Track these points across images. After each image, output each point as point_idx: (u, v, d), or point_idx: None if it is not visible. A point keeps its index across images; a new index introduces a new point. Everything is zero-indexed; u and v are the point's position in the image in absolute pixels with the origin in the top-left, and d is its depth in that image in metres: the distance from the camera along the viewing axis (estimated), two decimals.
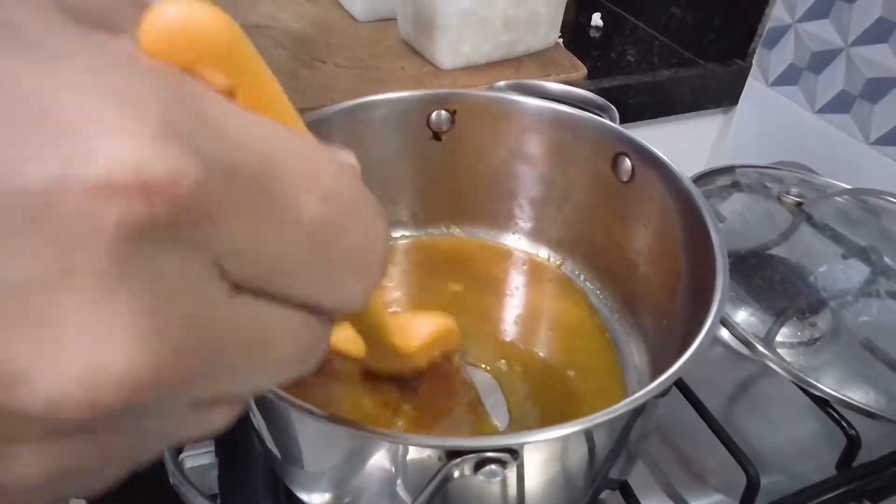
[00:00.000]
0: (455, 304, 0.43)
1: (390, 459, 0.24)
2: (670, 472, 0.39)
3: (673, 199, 0.36)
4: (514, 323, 0.42)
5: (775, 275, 0.46)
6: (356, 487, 0.27)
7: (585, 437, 0.27)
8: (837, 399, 0.37)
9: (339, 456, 0.26)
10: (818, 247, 0.49)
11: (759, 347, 0.38)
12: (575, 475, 0.29)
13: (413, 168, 0.44)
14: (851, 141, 0.61)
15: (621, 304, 0.42)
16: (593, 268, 0.44)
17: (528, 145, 0.42)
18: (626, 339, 0.41)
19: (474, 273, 0.45)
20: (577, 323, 0.43)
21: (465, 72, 0.63)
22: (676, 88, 0.69)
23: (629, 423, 0.28)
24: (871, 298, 0.45)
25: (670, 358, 0.28)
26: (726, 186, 0.53)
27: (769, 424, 0.42)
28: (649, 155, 0.37)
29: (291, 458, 0.29)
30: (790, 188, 0.52)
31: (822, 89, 0.63)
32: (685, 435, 0.41)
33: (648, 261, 0.39)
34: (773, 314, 0.43)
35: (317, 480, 0.30)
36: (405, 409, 0.35)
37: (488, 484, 0.25)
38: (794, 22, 0.64)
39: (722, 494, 0.38)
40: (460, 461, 0.23)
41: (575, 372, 0.40)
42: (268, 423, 0.29)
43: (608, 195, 0.41)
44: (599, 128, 0.40)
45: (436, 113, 0.42)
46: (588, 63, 0.67)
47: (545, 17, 0.64)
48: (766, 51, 0.68)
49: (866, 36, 0.58)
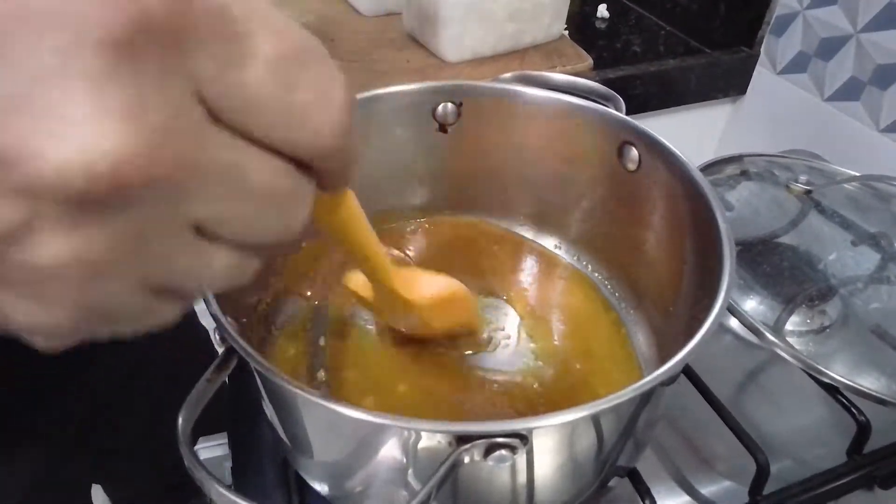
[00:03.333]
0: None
1: (399, 446, 0.25)
2: (679, 460, 0.39)
3: (680, 187, 0.36)
4: (523, 313, 0.42)
5: (784, 262, 0.46)
6: (367, 474, 0.28)
7: (593, 423, 0.27)
8: (847, 386, 0.37)
9: (347, 443, 0.27)
10: (827, 234, 0.48)
11: (768, 335, 0.38)
12: (584, 462, 0.29)
13: (419, 160, 0.44)
14: (861, 128, 0.60)
15: (628, 292, 0.42)
16: (600, 256, 0.44)
17: (535, 136, 0.42)
18: (633, 328, 0.41)
19: (481, 262, 0.46)
20: (586, 311, 0.43)
21: (470, 64, 0.63)
22: (683, 78, 0.68)
23: (637, 410, 0.28)
24: (881, 285, 0.45)
25: (677, 345, 0.28)
26: (735, 175, 0.53)
27: (779, 412, 0.42)
28: (656, 143, 0.37)
29: (302, 446, 0.30)
30: (799, 176, 0.52)
31: (831, 76, 0.62)
32: (694, 422, 0.41)
33: (656, 249, 0.39)
34: (782, 302, 0.43)
35: (327, 469, 0.30)
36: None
37: (498, 469, 0.26)
38: (803, 8, 0.64)
39: (731, 481, 0.38)
40: (470, 447, 0.23)
41: (584, 362, 0.40)
42: (278, 411, 0.29)
43: (615, 184, 0.41)
44: (605, 117, 0.39)
45: (442, 105, 0.42)
46: (594, 54, 0.66)
47: (550, 8, 0.64)
48: (774, 38, 0.68)
49: (876, 21, 0.57)
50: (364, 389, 0.37)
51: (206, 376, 0.24)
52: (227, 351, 0.25)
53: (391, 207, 0.46)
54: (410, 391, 0.37)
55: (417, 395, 0.37)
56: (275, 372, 0.24)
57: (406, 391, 0.37)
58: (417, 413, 0.36)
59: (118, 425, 0.52)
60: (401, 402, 0.37)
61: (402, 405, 0.37)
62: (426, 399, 0.37)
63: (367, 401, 0.37)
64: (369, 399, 0.37)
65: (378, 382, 0.38)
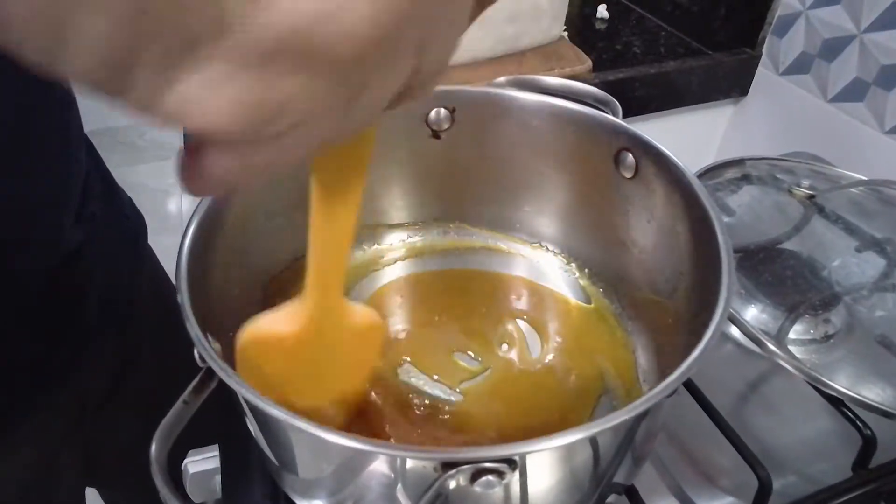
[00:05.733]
0: (457, 308, 0.43)
1: (385, 471, 0.24)
2: (679, 475, 0.38)
3: (677, 196, 0.35)
4: (518, 320, 0.42)
5: (787, 270, 0.45)
6: (353, 497, 0.27)
7: (589, 444, 0.26)
8: (852, 398, 0.36)
9: (333, 466, 0.26)
10: (831, 240, 0.47)
11: (770, 345, 0.37)
12: (578, 482, 0.28)
13: (413, 168, 0.44)
14: (866, 129, 0.59)
15: (626, 302, 0.42)
16: (597, 265, 0.44)
17: (529, 142, 0.41)
18: (632, 339, 0.40)
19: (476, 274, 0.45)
20: (582, 321, 0.42)
21: (467, 67, 0.62)
22: (684, 79, 0.67)
23: (633, 428, 0.27)
24: (886, 292, 0.44)
25: (677, 357, 0.27)
26: (736, 179, 0.52)
27: (782, 424, 0.41)
28: (653, 150, 0.36)
29: (287, 465, 0.29)
30: (801, 180, 0.50)
31: (834, 77, 0.61)
32: (695, 436, 0.40)
33: (653, 258, 0.38)
34: (785, 310, 0.42)
35: (313, 488, 0.29)
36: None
37: (487, 494, 0.25)
38: (805, 9, 0.63)
39: (733, 497, 0.37)
40: (455, 472, 0.22)
41: (582, 372, 0.39)
42: (262, 431, 0.28)
43: (612, 191, 0.40)
44: (601, 123, 0.39)
45: (434, 111, 0.41)
46: (593, 55, 0.65)
47: (548, 9, 0.63)
48: (777, 39, 0.66)
49: (880, 21, 0.56)
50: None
51: (184, 398, 0.23)
52: (206, 372, 0.24)
53: (383, 214, 0.46)
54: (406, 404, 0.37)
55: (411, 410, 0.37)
56: (257, 395, 0.23)
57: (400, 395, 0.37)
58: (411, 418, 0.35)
59: (111, 427, 0.52)
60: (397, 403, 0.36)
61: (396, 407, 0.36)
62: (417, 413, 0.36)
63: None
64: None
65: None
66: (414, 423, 0.35)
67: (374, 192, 0.44)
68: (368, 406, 0.35)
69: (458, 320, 0.42)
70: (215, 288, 0.32)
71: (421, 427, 0.35)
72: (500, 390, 0.38)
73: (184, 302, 0.27)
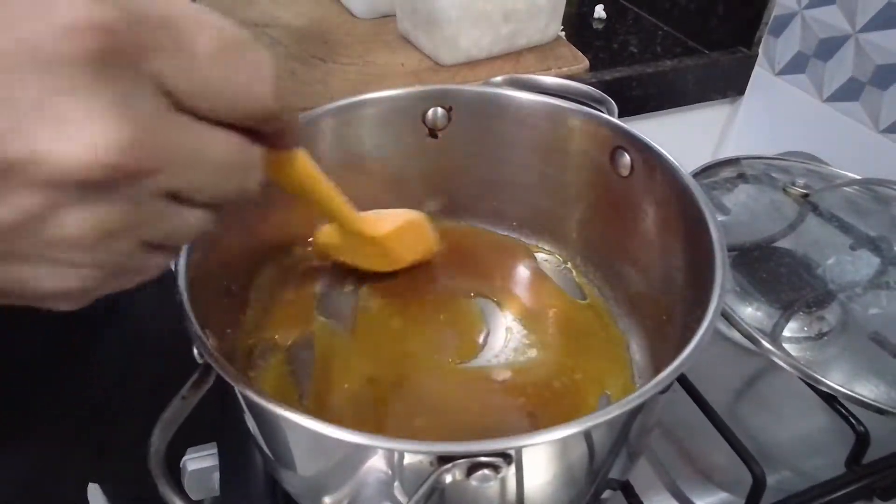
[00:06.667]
0: (453, 301, 0.43)
1: (381, 465, 0.24)
2: (675, 471, 0.38)
3: (672, 194, 0.35)
4: (515, 318, 0.42)
5: (781, 267, 0.45)
6: (350, 492, 0.27)
7: (584, 438, 0.26)
8: (846, 395, 0.36)
9: (329, 461, 0.26)
10: (826, 238, 0.48)
11: (765, 343, 0.38)
12: (574, 477, 0.28)
13: (409, 166, 0.44)
14: (861, 129, 0.60)
15: (621, 298, 0.42)
16: (593, 262, 0.44)
17: (526, 141, 0.42)
18: (627, 335, 0.40)
19: (474, 267, 0.45)
20: (578, 317, 0.42)
21: (465, 66, 0.62)
22: (681, 78, 0.68)
23: (629, 421, 0.28)
24: (880, 290, 0.44)
25: (671, 354, 0.27)
26: (732, 178, 0.52)
27: (776, 421, 0.41)
28: (648, 148, 0.36)
29: (284, 461, 0.29)
30: (797, 179, 0.51)
31: (830, 77, 0.62)
32: (690, 432, 0.40)
33: (649, 255, 0.39)
34: (780, 308, 0.43)
35: (310, 484, 0.29)
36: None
37: (483, 489, 0.25)
38: (801, 8, 0.63)
39: (728, 493, 0.37)
40: (451, 466, 0.22)
41: (577, 368, 0.39)
42: (260, 428, 0.28)
43: (608, 190, 0.40)
44: (596, 122, 0.39)
45: (431, 110, 0.41)
46: (590, 55, 0.66)
47: (546, 8, 0.63)
48: (773, 38, 0.67)
49: (875, 21, 0.56)
50: (354, 398, 0.37)
51: (182, 394, 0.24)
52: (204, 367, 0.25)
53: None
54: (401, 399, 0.37)
55: (407, 404, 0.37)
56: (255, 391, 0.24)
57: (397, 398, 0.37)
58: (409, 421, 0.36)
59: (115, 423, 0.52)
60: (391, 409, 0.36)
61: (392, 412, 0.36)
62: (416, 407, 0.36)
63: (351, 412, 0.36)
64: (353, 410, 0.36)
65: (366, 390, 0.37)
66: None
67: (371, 192, 0.44)
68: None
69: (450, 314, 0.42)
70: (214, 286, 0.32)
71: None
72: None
73: (183, 299, 0.27)
